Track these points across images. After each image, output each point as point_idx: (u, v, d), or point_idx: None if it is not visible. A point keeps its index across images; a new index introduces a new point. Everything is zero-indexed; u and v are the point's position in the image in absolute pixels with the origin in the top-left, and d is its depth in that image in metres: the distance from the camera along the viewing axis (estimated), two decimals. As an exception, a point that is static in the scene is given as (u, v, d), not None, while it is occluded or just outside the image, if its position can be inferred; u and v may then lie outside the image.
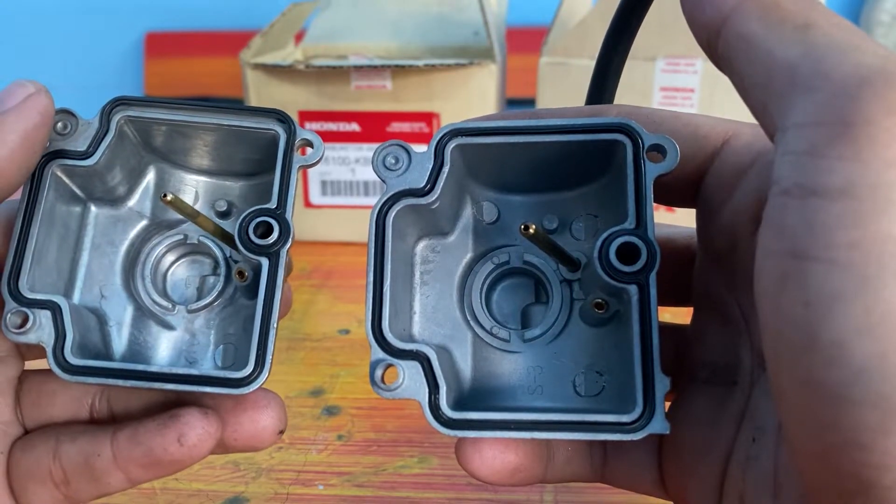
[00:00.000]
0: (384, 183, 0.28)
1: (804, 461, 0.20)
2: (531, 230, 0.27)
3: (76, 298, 0.31)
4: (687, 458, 0.28)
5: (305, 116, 0.72)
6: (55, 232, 0.30)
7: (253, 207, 0.29)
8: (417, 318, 0.30)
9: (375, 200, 0.28)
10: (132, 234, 0.33)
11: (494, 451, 0.27)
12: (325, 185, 0.74)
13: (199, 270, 0.33)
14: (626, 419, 0.26)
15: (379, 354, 0.27)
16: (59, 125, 0.30)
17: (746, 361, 0.27)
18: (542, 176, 0.30)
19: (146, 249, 0.33)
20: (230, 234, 0.31)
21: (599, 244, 0.26)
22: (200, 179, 0.34)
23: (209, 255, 0.33)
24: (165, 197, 0.29)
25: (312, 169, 0.62)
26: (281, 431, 0.30)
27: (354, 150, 0.73)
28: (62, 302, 0.28)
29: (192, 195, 0.34)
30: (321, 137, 0.30)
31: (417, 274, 0.31)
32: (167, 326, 0.32)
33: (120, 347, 0.31)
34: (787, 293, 0.19)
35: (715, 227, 0.27)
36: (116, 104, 0.30)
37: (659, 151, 0.27)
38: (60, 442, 0.29)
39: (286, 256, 0.29)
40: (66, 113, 0.30)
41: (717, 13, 0.23)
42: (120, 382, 0.28)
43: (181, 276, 0.33)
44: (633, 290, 0.26)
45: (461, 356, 0.30)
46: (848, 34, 0.20)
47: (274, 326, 0.28)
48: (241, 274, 0.31)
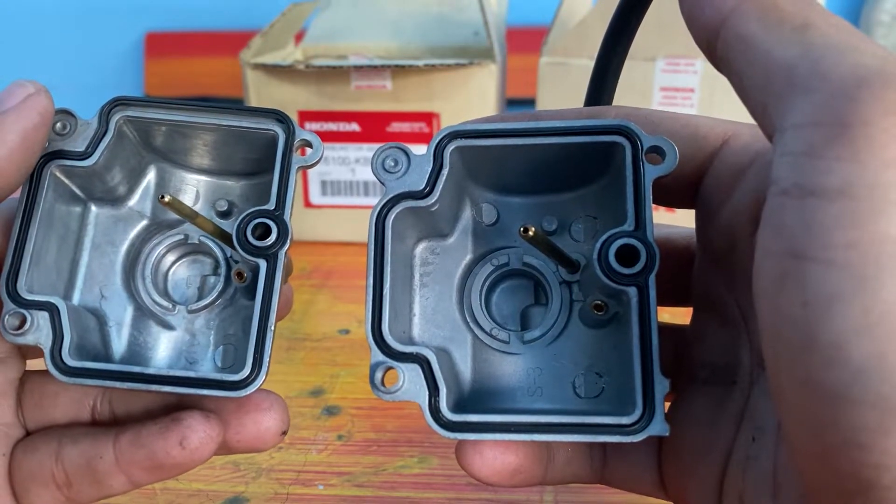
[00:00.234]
0: (383, 185, 0.28)
1: (803, 461, 0.20)
2: (530, 233, 0.27)
3: (76, 299, 0.31)
4: (686, 458, 0.28)
5: (305, 116, 0.72)
6: (54, 232, 0.30)
7: (251, 209, 0.29)
8: (417, 319, 0.30)
9: (375, 200, 0.28)
10: (133, 233, 0.33)
11: (495, 452, 0.27)
12: (324, 185, 0.74)
13: (199, 270, 0.33)
14: (625, 421, 0.26)
15: (379, 357, 0.27)
16: (57, 125, 0.30)
17: (746, 361, 0.27)
18: (541, 178, 0.30)
19: (147, 249, 0.33)
20: (230, 234, 0.30)
21: (599, 246, 0.26)
22: (201, 179, 0.34)
23: (210, 254, 0.33)
24: (164, 199, 0.29)
25: (312, 169, 0.62)
26: (283, 432, 0.30)
27: (354, 150, 0.73)
28: (60, 303, 0.28)
29: (192, 194, 0.34)
30: (321, 137, 0.30)
31: (417, 276, 0.31)
32: (167, 327, 0.32)
33: (119, 348, 0.31)
34: (785, 293, 0.19)
35: (714, 227, 0.27)
36: (115, 104, 0.30)
37: (658, 153, 0.27)
38: (62, 444, 0.29)
39: (286, 258, 0.29)
40: (64, 113, 0.30)
41: (715, 14, 0.23)
42: (118, 384, 0.28)
43: (182, 275, 0.33)
44: (632, 292, 0.26)
45: (461, 358, 0.30)
46: (846, 35, 0.20)
47: (272, 329, 0.28)
48: (239, 275, 0.31)
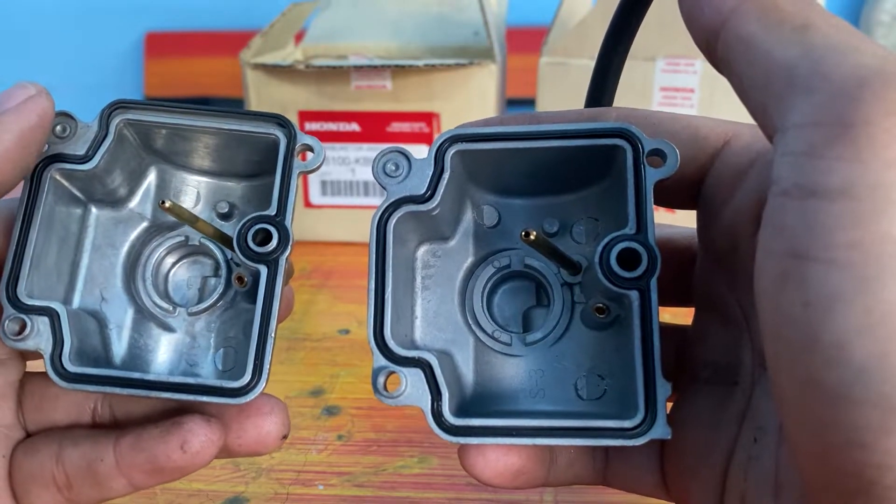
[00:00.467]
0: (385, 190, 0.28)
1: (805, 461, 0.20)
2: (531, 236, 0.27)
3: (76, 301, 0.31)
4: (688, 459, 0.28)
5: (305, 116, 0.72)
6: (55, 235, 0.30)
7: (252, 214, 0.29)
8: (419, 322, 0.30)
9: (375, 201, 0.28)
10: (133, 235, 0.33)
11: (498, 454, 0.27)
12: (325, 185, 0.74)
13: (200, 271, 0.33)
14: (627, 425, 0.26)
15: (381, 362, 0.27)
16: (57, 128, 0.29)
17: (747, 361, 0.27)
18: (542, 180, 0.30)
19: (147, 251, 0.32)
20: (230, 237, 0.30)
21: (600, 249, 0.26)
22: (202, 180, 0.34)
23: (210, 255, 0.33)
24: (164, 204, 0.28)
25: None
26: (284, 437, 0.30)
27: (354, 150, 0.72)
28: (60, 308, 0.28)
29: (193, 196, 0.34)
30: (321, 138, 0.30)
31: (419, 279, 0.31)
32: (168, 329, 0.32)
33: (120, 351, 0.31)
34: (787, 293, 0.19)
35: (716, 227, 0.27)
36: (115, 107, 0.30)
37: (659, 156, 0.27)
38: (63, 446, 0.29)
39: (286, 262, 0.29)
40: (64, 116, 0.29)
41: (715, 15, 0.23)
42: (117, 390, 0.28)
43: (182, 277, 0.33)
44: (633, 295, 0.26)
45: (463, 360, 0.30)
46: (846, 35, 0.20)
47: (272, 335, 0.28)
48: (240, 280, 0.30)
